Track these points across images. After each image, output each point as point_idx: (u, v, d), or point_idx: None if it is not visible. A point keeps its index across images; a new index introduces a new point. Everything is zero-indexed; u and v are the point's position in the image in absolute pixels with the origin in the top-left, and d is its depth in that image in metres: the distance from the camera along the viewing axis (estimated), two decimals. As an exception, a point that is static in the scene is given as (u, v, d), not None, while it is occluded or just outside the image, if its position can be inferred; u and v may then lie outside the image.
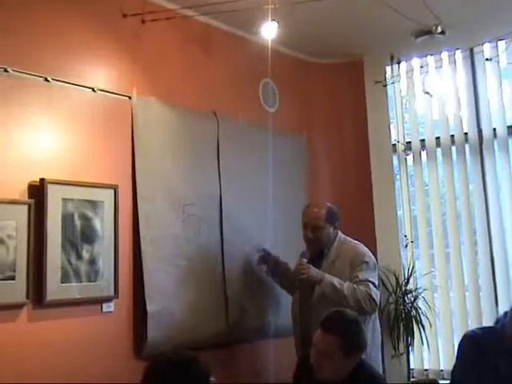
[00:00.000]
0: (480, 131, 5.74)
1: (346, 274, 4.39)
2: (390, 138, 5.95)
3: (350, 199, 5.86)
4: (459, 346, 4.05)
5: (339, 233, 4.60)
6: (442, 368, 5.62)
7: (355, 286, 4.30)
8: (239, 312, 4.84)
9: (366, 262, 4.44)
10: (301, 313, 4.54)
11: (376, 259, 4.61)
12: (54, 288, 3.71)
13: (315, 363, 3.31)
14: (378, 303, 4.37)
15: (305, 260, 4.44)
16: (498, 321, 3.96)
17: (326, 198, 5.19)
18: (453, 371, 4.06)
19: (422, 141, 5.96)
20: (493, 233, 5.62)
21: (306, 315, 4.43)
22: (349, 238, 4.60)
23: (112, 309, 4.06)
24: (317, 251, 4.54)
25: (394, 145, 5.97)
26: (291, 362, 3.98)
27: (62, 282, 3.76)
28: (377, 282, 4.45)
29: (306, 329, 4.36)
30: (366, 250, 4.55)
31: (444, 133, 5.88)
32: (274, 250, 4.96)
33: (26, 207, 3.62)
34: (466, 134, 5.80)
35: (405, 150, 5.95)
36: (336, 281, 4.32)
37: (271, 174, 5.25)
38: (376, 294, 4.33)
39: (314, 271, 4.37)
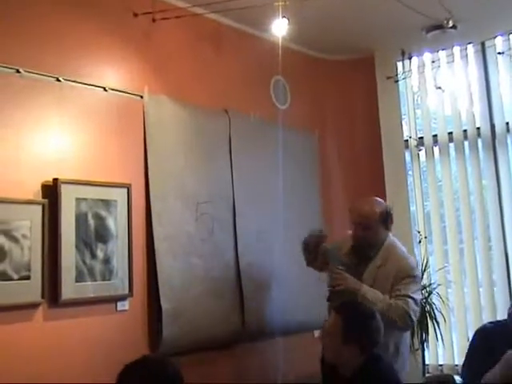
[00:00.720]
0: (493, 126, 5.70)
1: (389, 281, 4.06)
2: (402, 133, 5.94)
3: (363, 195, 5.81)
4: (471, 340, 4.08)
5: (390, 235, 4.26)
6: (456, 363, 5.58)
7: (393, 301, 3.97)
8: (255, 310, 4.85)
9: (413, 277, 4.11)
10: None
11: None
12: (69, 287, 3.73)
13: (322, 343, 3.44)
14: (414, 321, 4.08)
15: (340, 265, 4.11)
16: (509, 314, 3.96)
17: (338, 194, 5.19)
18: (463, 365, 4.08)
19: (435, 136, 5.94)
20: (507, 228, 5.58)
21: None
22: (398, 243, 4.29)
23: (127, 307, 4.08)
24: (363, 251, 4.19)
25: (407, 140, 5.95)
26: (307, 361, 3.98)
27: (76, 282, 3.77)
28: (419, 298, 4.17)
29: None
30: (413, 261, 4.29)
31: (456, 128, 5.86)
32: (285, 247, 4.95)
33: (40, 207, 3.63)
34: (478, 128, 5.77)
35: (417, 146, 5.93)
36: (371, 295, 3.97)
37: (283, 172, 5.25)
38: (414, 311, 4.00)
39: (351, 281, 4.03)
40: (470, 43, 5.72)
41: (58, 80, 3.84)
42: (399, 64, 5.94)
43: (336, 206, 5.88)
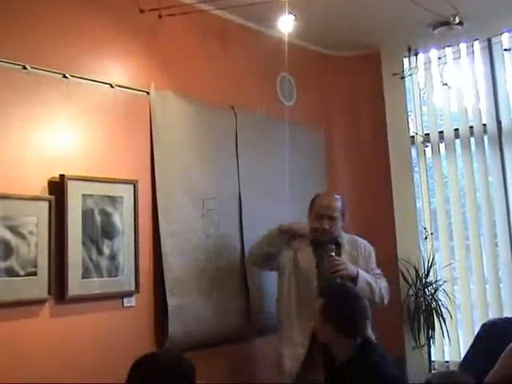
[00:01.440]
0: (499, 122, 5.68)
1: (359, 266, 4.31)
2: (408, 130, 5.93)
3: (369, 192, 5.86)
4: (477, 332, 4.17)
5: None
6: (462, 360, 5.59)
7: (379, 281, 4.32)
8: (261, 305, 4.86)
9: (372, 252, 4.47)
10: None
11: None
12: (76, 283, 3.74)
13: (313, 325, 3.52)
14: None
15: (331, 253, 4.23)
16: None
17: (345, 190, 5.18)
18: (464, 357, 4.13)
19: (441, 132, 5.92)
20: (513, 224, 5.59)
21: None
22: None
23: (133, 303, 4.09)
24: (324, 242, 4.32)
25: (413, 137, 5.94)
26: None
27: (83, 278, 3.78)
28: None
29: None
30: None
31: (463, 124, 5.84)
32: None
33: (46, 203, 3.64)
34: (484, 125, 5.75)
35: (423, 142, 5.91)
36: (367, 275, 4.27)
37: (289, 168, 5.25)
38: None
39: (350, 266, 4.22)
40: (476, 40, 5.69)
41: (65, 76, 3.84)
42: (405, 60, 5.92)
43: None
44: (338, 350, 3.35)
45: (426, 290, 5.53)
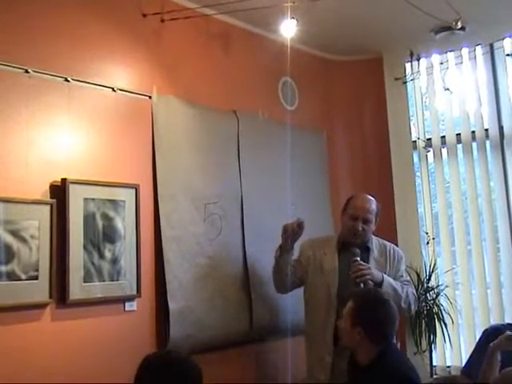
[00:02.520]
0: (501, 127, 5.68)
1: (387, 272, 4.30)
2: (410, 134, 5.93)
3: (371, 196, 5.85)
4: (480, 337, 4.23)
5: None
6: (464, 365, 5.59)
7: (405, 287, 4.31)
8: (263, 311, 4.84)
9: (403, 258, 4.44)
10: None
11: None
12: (77, 287, 3.73)
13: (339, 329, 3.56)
14: None
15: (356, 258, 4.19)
16: None
17: (347, 195, 5.18)
18: (466, 362, 4.17)
19: (443, 137, 5.92)
20: (515, 230, 5.58)
21: None
22: None
23: (135, 308, 4.08)
24: (360, 246, 4.31)
25: (415, 141, 5.94)
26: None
27: (84, 282, 3.78)
28: None
29: None
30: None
31: (465, 129, 5.84)
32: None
33: (48, 207, 3.64)
34: (486, 130, 5.75)
35: (425, 147, 5.91)
36: (393, 281, 4.24)
37: (291, 172, 5.24)
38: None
39: (375, 271, 4.18)
40: (478, 45, 5.70)
41: (67, 80, 3.85)
42: (408, 65, 5.93)
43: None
44: (363, 354, 3.35)
45: (428, 294, 5.52)
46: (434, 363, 5.59)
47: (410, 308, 4.34)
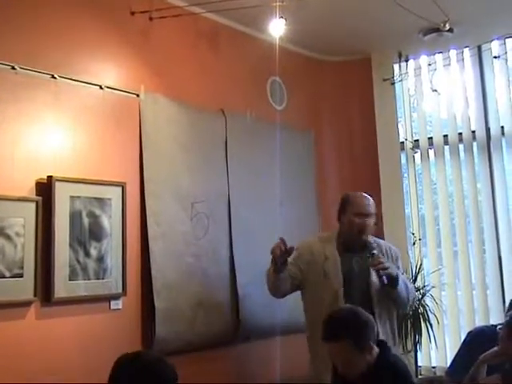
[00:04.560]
0: (488, 129, 5.72)
1: None
2: (398, 135, 5.94)
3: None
4: (464, 339, 4.27)
5: None
6: (449, 365, 5.61)
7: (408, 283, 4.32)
8: (250, 309, 4.85)
9: (399, 256, 4.42)
10: None
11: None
12: (62, 286, 3.72)
13: (345, 374, 3.26)
14: None
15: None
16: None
17: (334, 194, 5.18)
18: (451, 363, 4.20)
19: (430, 139, 5.95)
20: (500, 231, 5.61)
21: None
22: None
23: (120, 306, 4.07)
24: (363, 242, 4.20)
25: (402, 143, 5.95)
26: (304, 361, 3.98)
27: (69, 280, 3.77)
28: None
29: None
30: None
31: (452, 131, 5.87)
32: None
33: (33, 205, 3.62)
34: (473, 132, 5.78)
35: (413, 148, 5.94)
36: (403, 276, 4.23)
37: (279, 172, 5.24)
38: None
39: (392, 265, 4.10)
40: (466, 47, 5.73)
41: (54, 77, 3.83)
42: (396, 66, 5.96)
43: (332, 206, 5.86)
44: (359, 365, 3.19)
45: (414, 295, 5.54)
46: (419, 363, 5.61)
47: (411, 303, 4.48)
